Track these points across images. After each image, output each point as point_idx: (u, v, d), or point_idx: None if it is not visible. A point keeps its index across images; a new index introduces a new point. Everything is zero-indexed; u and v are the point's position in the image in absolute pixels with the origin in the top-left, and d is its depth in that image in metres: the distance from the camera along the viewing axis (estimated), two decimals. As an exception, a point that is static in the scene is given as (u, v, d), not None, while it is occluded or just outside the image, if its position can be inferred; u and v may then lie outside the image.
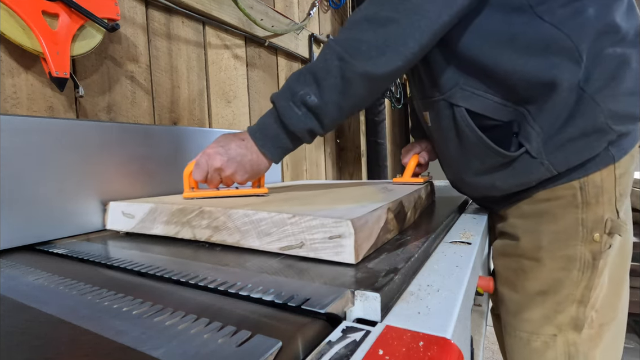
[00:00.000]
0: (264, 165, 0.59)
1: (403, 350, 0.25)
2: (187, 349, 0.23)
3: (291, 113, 0.54)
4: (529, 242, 0.63)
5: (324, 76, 0.52)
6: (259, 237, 0.43)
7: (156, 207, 0.53)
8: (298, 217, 0.40)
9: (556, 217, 0.60)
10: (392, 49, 0.50)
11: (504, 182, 0.61)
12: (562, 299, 0.60)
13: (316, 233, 0.39)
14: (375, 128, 1.88)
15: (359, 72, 0.51)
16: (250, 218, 0.44)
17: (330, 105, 0.53)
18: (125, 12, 0.80)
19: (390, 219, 0.48)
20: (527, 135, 0.56)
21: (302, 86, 0.53)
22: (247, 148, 0.57)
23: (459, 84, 0.58)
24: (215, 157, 0.57)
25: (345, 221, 0.37)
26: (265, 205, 0.48)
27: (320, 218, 0.39)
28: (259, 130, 0.58)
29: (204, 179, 0.59)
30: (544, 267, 0.61)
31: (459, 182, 0.74)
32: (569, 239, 0.59)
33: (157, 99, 0.87)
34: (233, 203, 0.52)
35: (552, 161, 0.56)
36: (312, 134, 0.56)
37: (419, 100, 0.69)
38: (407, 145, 0.86)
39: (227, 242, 0.46)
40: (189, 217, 0.50)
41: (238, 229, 0.45)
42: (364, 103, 0.57)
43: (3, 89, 0.61)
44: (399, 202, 0.53)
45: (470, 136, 0.59)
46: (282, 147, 0.58)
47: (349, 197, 0.57)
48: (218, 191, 0.62)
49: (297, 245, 0.41)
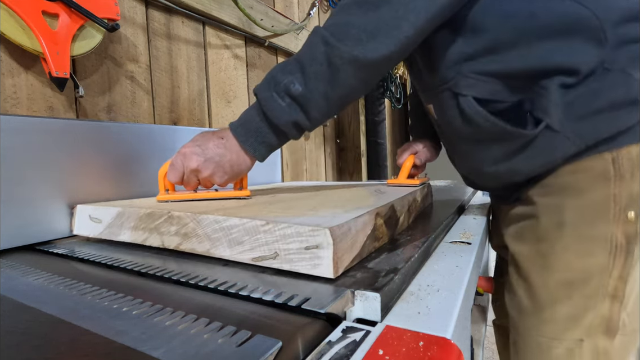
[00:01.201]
0: (245, 165, 0.54)
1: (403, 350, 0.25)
2: (187, 349, 0.23)
3: (274, 104, 0.49)
4: (550, 219, 0.54)
5: (309, 63, 0.48)
6: (230, 246, 0.39)
7: (123, 211, 0.49)
8: (272, 225, 0.36)
9: (582, 190, 0.51)
10: (384, 33, 0.45)
11: (526, 165, 0.54)
12: (592, 292, 0.51)
13: (291, 243, 0.35)
14: (375, 128, 1.88)
15: (346, 58, 0.46)
16: (220, 225, 0.40)
17: (316, 95, 0.48)
18: (125, 12, 0.80)
19: (379, 225, 0.45)
20: (544, 108, 0.49)
21: (286, 75, 0.49)
22: (227, 147, 0.53)
23: (462, 71, 0.53)
24: (191, 157, 0.52)
25: (322, 230, 0.33)
26: (242, 210, 0.44)
27: (296, 226, 0.35)
28: (240, 125, 0.53)
29: (180, 180, 0.54)
30: (568, 251, 0.52)
31: (475, 176, 0.67)
32: (598, 216, 0.51)
33: (157, 99, 0.87)
34: (207, 207, 0.47)
35: (579, 132, 0.49)
36: (299, 128, 0.51)
37: (421, 93, 0.65)
38: (403, 145, 0.81)
39: (196, 250, 0.42)
40: (157, 222, 0.46)
41: (208, 237, 0.41)
42: (355, 94, 0.52)
43: (3, 89, 0.61)
44: (390, 206, 0.49)
45: (482, 123, 0.53)
46: (266, 143, 0.53)
47: (336, 201, 0.53)
48: (195, 194, 0.58)
49: (270, 256, 0.37)
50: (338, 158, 1.87)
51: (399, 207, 0.53)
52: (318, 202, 0.53)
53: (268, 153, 0.54)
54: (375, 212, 0.44)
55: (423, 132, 0.80)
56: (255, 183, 1.01)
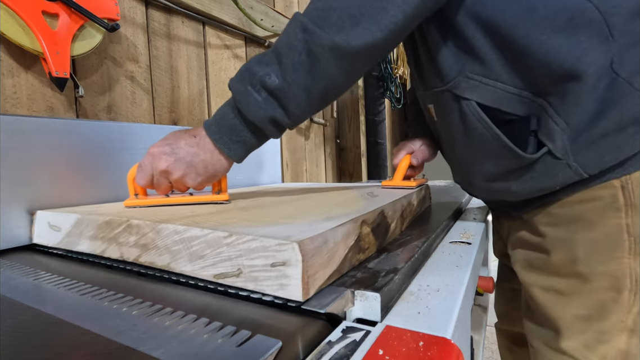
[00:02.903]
0: (221, 165, 0.49)
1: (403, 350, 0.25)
2: (187, 349, 0.23)
3: (249, 99, 0.44)
4: (562, 255, 0.51)
5: (287, 52, 0.43)
6: (191, 261, 0.35)
7: (82, 218, 0.45)
8: (235, 237, 0.32)
9: (592, 223, 0.48)
10: (368, 18, 0.40)
11: (521, 187, 0.51)
12: (609, 327, 0.48)
13: (256, 258, 0.31)
14: (375, 128, 1.88)
15: (327, 46, 0.41)
16: (181, 236, 0.35)
17: (295, 88, 0.44)
18: (125, 12, 0.80)
19: (365, 234, 0.41)
20: (549, 133, 0.46)
21: (262, 66, 0.44)
22: (200, 146, 0.48)
23: (464, 71, 0.49)
24: (160, 157, 0.48)
25: (290, 244, 0.29)
26: (212, 217, 0.40)
27: (261, 239, 0.30)
28: (215, 122, 0.48)
29: (149, 183, 0.50)
30: (585, 287, 0.49)
31: (468, 187, 0.64)
32: (612, 250, 0.47)
33: (157, 99, 0.87)
34: (173, 214, 0.43)
35: (582, 162, 0.46)
36: (278, 125, 0.47)
37: (421, 92, 0.60)
38: (399, 144, 0.74)
39: (156, 264, 0.38)
40: (116, 231, 0.41)
41: (168, 249, 0.37)
42: (339, 87, 0.47)
43: (3, 89, 0.61)
44: (379, 212, 0.45)
45: (484, 134, 0.49)
46: (241, 142, 0.48)
47: (321, 206, 0.49)
48: (167, 198, 0.53)
49: (233, 273, 0.32)
50: (338, 158, 1.87)
51: (391, 212, 0.50)
52: (300, 207, 0.48)
53: (245, 153, 0.50)
54: (361, 220, 0.40)
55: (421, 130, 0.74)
56: (255, 184, 1.01)
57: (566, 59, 0.43)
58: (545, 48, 0.43)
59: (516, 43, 0.44)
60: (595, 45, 0.42)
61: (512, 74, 0.46)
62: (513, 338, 0.79)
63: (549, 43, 0.43)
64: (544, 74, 0.44)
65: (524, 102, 0.47)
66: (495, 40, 0.46)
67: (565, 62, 0.43)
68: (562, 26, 0.43)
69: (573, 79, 0.43)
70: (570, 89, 0.44)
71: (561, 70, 0.43)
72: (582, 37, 0.42)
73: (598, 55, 0.42)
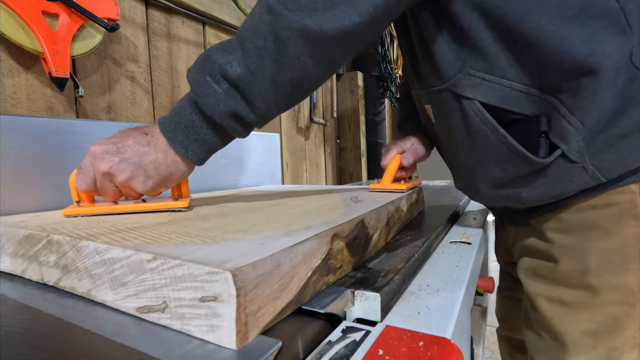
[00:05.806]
0: (176, 167, 0.42)
1: (403, 350, 0.25)
2: (187, 349, 0.23)
3: (207, 90, 0.38)
4: (571, 264, 0.47)
5: (250, 37, 0.37)
6: (113, 288, 0.28)
7: (3, 231, 0.38)
8: (160, 261, 0.25)
9: (607, 231, 0.45)
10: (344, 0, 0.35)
11: (532, 193, 0.47)
12: (620, 344, 0.46)
13: (184, 289, 0.24)
14: (375, 128, 1.88)
15: (295, 29, 0.35)
16: (102, 257, 0.29)
17: (260, 78, 0.38)
18: (125, 12, 0.80)
19: (338, 251, 0.34)
20: (562, 134, 0.42)
21: (224, 54, 0.38)
22: (151, 144, 0.41)
23: (465, 67, 0.44)
24: (102, 157, 0.41)
25: (223, 273, 0.22)
26: (155, 229, 0.34)
27: (189, 264, 0.24)
28: (170, 118, 0.41)
29: (92, 188, 0.43)
30: (595, 300, 0.46)
31: (471, 193, 0.59)
32: (627, 261, 0.44)
33: (157, 99, 0.87)
34: (111, 227, 0.36)
35: (600, 165, 0.42)
36: (241, 121, 0.40)
37: (417, 91, 0.55)
38: (389, 144, 0.67)
39: (76, 290, 0.31)
40: (37, 248, 0.34)
41: (89, 272, 0.30)
42: (311, 78, 0.40)
43: (3, 89, 0.61)
44: (357, 222, 0.38)
45: (488, 136, 0.46)
46: (200, 141, 0.41)
47: (291, 214, 0.42)
48: (114, 206, 0.45)
49: (158, 307, 0.26)
50: (338, 158, 1.87)
51: (373, 221, 0.43)
52: (266, 216, 0.41)
53: (205, 154, 0.43)
54: (332, 233, 0.33)
55: (414, 128, 0.68)
56: (256, 184, 1.01)
57: (580, 52, 0.39)
58: (557, 40, 0.39)
59: (524, 34, 0.40)
60: (612, 37, 0.39)
61: (518, 69, 0.42)
62: (515, 345, 0.77)
63: (561, 34, 0.39)
64: (555, 68, 0.40)
65: (532, 100, 0.43)
66: (500, 32, 0.41)
67: (579, 54, 0.39)
68: (574, 15, 0.39)
69: (588, 74, 0.39)
70: (585, 84, 0.40)
71: (574, 64, 0.39)
72: (597, 28, 0.39)
73: (615, 47, 0.39)
